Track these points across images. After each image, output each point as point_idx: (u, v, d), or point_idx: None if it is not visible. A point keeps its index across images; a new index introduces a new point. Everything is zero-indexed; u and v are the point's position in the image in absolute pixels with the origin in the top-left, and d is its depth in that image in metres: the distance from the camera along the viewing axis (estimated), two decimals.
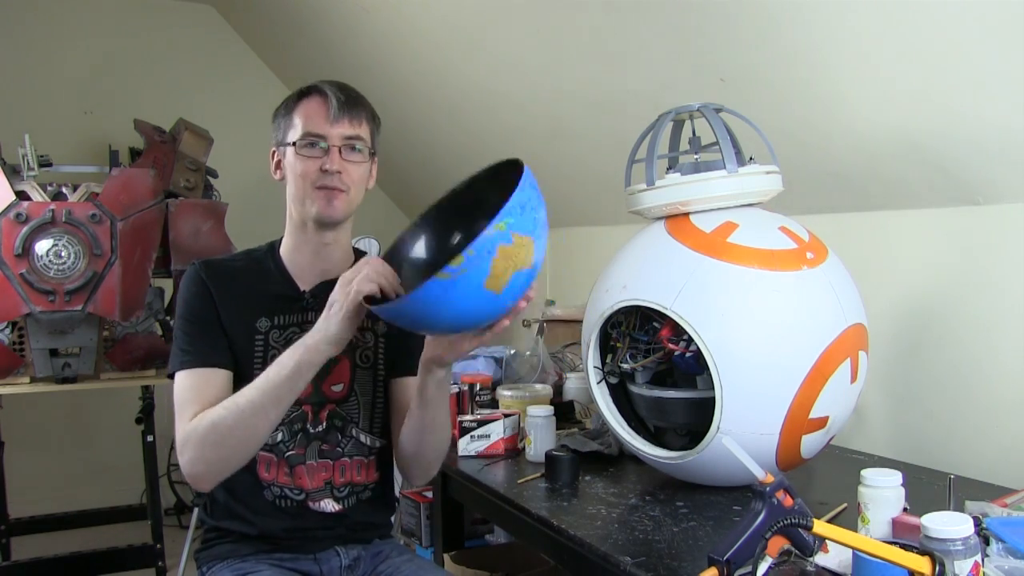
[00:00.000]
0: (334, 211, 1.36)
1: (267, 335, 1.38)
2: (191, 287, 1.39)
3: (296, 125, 1.37)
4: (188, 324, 1.37)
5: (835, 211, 1.93)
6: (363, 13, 2.84)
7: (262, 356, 1.38)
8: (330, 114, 1.35)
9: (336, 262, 1.43)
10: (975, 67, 1.44)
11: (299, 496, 1.40)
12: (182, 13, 3.88)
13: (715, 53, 1.82)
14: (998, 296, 1.62)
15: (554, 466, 1.57)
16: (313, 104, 1.37)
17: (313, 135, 1.35)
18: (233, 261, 1.45)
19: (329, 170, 1.34)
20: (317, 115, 1.35)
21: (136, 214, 2.50)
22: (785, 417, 1.31)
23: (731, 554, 0.98)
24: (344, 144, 1.36)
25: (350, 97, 1.38)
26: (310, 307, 1.40)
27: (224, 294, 1.38)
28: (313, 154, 1.35)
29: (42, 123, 3.29)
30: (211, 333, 1.36)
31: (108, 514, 3.04)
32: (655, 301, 1.36)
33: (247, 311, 1.38)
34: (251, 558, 1.39)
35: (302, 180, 1.36)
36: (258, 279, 1.42)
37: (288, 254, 1.44)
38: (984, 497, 1.30)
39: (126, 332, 2.59)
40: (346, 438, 1.43)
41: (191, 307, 1.38)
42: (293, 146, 1.36)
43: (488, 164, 1.28)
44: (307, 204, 1.36)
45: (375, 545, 1.49)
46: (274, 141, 1.42)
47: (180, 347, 1.37)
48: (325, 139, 1.35)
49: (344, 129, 1.36)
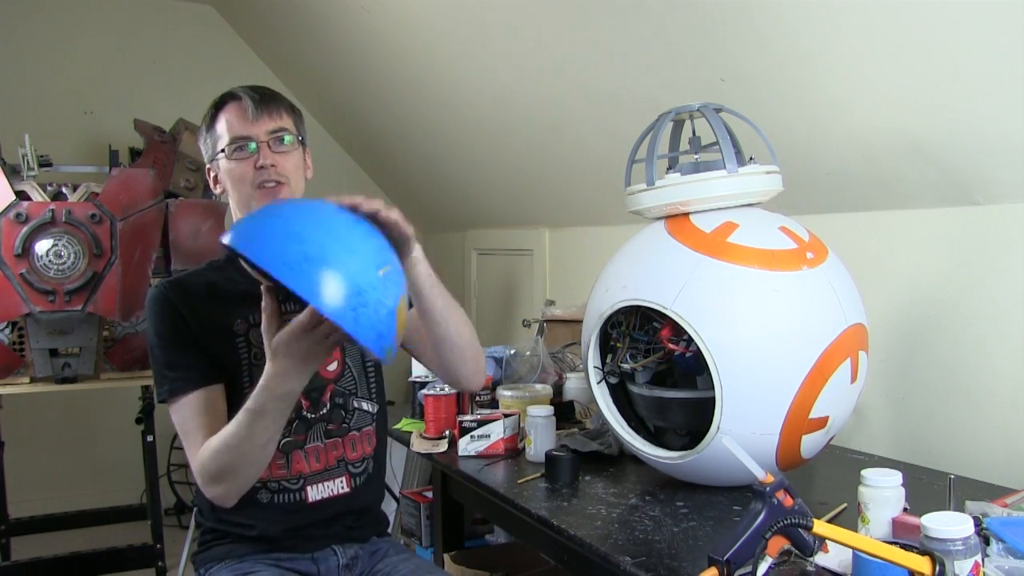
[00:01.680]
0: None
1: (247, 335, 1.39)
2: (159, 310, 1.37)
3: (221, 134, 1.39)
4: (163, 350, 1.36)
5: (835, 211, 1.93)
6: (363, 13, 2.84)
7: (247, 356, 1.38)
8: (248, 114, 1.38)
9: None
10: (975, 67, 1.44)
11: (296, 485, 1.40)
12: (182, 13, 3.88)
13: (715, 53, 1.82)
14: (998, 296, 1.62)
15: (554, 466, 1.57)
16: (230, 110, 1.40)
17: (239, 138, 1.37)
18: (195, 275, 1.45)
19: (264, 165, 1.36)
20: (237, 118, 1.38)
21: (136, 214, 2.50)
22: (785, 417, 1.31)
23: (731, 554, 0.98)
24: (271, 138, 1.39)
25: (264, 94, 1.41)
26: (281, 298, 1.41)
27: (193, 308, 1.37)
28: (244, 156, 1.37)
29: (42, 123, 3.30)
30: (189, 353, 1.35)
31: (108, 514, 3.04)
32: (655, 301, 1.36)
33: (220, 317, 1.38)
34: (249, 558, 1.39)
35: (241, 183, 1.38)
36: (223, 284, 1.42)
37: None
38: (984, 497, 1.30)
39: (126, 332, 2.59)
40: (350, 412, 1.46)
41: (162, 330, 1.37)
42: (223, 153, 1.38)
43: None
44: (252, 205, 1.38)
45: (373, 543, 1.50)
46: (207, 159, 1.44)
47: (162, 373, 1.36)
48: (251, 139, 1.37)
49: (266, 125, 1.38)
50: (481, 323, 3.77)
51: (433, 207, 4.07)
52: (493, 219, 3.56)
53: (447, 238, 4.11)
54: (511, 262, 3.49)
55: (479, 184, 3.36)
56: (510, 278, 3.52)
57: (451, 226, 4.00)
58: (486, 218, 3.61)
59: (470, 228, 3.81)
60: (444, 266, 4.10)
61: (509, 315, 3.50)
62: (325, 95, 3.89)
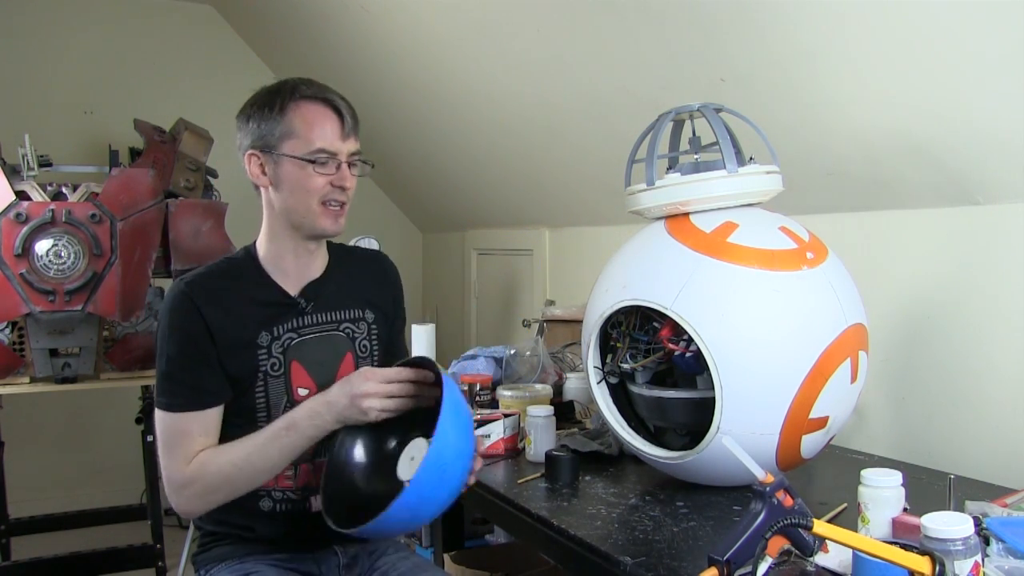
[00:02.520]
0: (340, 227, 1.38)
1: (269, 347, 1.37)
2: (181, 313, 1.32)
3: (301, 136, 1.32)
4: (178, 359, 1.32)
5: (835, 211, 1.93)
6: (363, 13, 2.84)
7: (265, 364, 1.36)
8: (344, 131, 1.34)
9: (317, 262, 1.44)
10: (975, 67, 1.44)
11: (297, 496, 1.40)
12: (182, 13, 3.88)
13: (715, 53, 1.82)
14: (998, 296, 1.62)
15: (554, 466, 1.57)
16: (321, 115, 1.33)
17: (328, 152, 1.32)
18: (218, 274, 1.39)
19: (344, 187, 1.34)
20: (331, 131, 1.33)
21: (136, 214, 2.50)
22: (785, 417, 1.31)
23: (731, 554, 0.98)
24: (351, 159, 1.36)
25: (354, 112, 1.37)
26: (304, 311, 1.40)
27: (219, 315, 1.33)
28: (327, 171, 1.33)
29: (42, 123, 3.30)
30: (204, 368, 1.32)
31: (108, 514, 3.04)
32: (655, 301, 1.36)
33: (245, 328, 1.35)
34: (250, 559, 1.39)
35: (308, 195, 1.33)
36: (248, 289, 1.38)
37: (270, 260, 1.41)
38: (984, 497, 1.30)
39: (126, 332, 2.59)
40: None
41: (181, 339, 1.32)
42: (304, 161, 1.31)
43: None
44: (312, 218, 1.35)
45: (373, 543, 1.50)
46: (254, 143, 1.35)
47: (168, 384, 1.32)
48: (338, 155, 1.33)
49: (351, 145, 1.36)
50: (481, 323, 3.77)
51: (433, 207, 4.07)
52: (493, 219, 3.56)
53: (447, 238, 4.11)
54: (511, 262, 3.49)
55: (479, 184, 3.36)
56: (510, 278, 3.52)
57: (451, 226, 4.00)
58: (486, 218, 3.61)
59: (470, 228, 3.81)
60: (444, 266, 4.10)
61: (509, 315, 3.50)
62: None
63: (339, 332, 1.43)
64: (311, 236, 1.38)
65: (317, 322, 1.41)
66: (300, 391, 1.38)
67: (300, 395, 1.38)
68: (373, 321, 1.48)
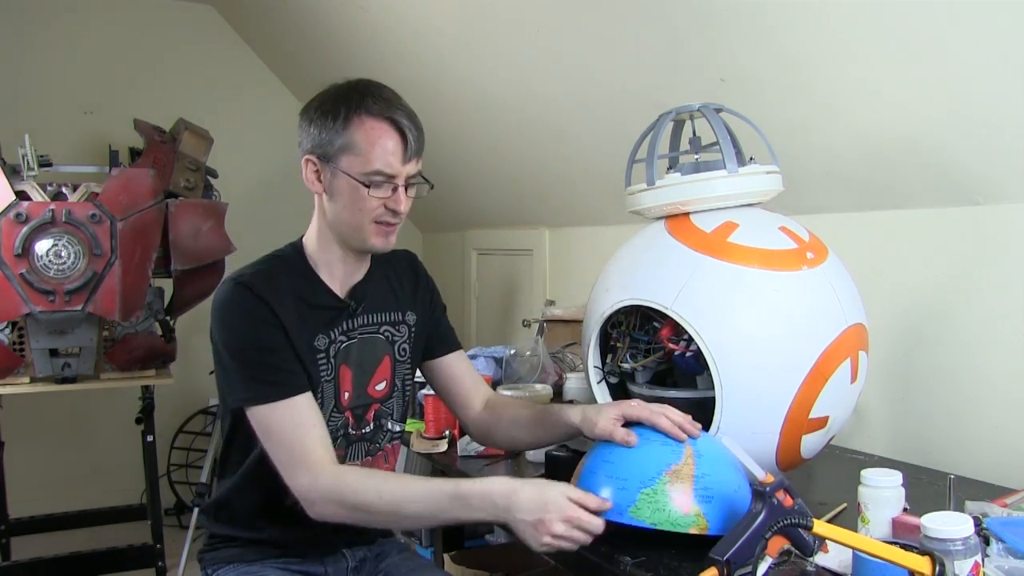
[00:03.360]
0: (391, 245, 1.35)
1: (327, 351, 1.34)
2: (250, 308, 1.27)
3: (361, 153, 1.26)
4: (266, 352, 1.26)
5: (835, 211, 1.93)
6: (362, 13, 2.84)
7: (326, 372, 1.33)
8: (407, 154, 1.29)
9: (361, 265, 1.42)
10: (975, 67, 1.44)
11: None
12: (182, 13, 3.88)
13: (715, 53, 1.82)
14: (998, 296, 1.62)
15: (554, 466, 1.57)
16: (385, 136, 1.27)
17: (387, 175, 1.28)
18: (271, 273, 1.33)
19: (398, 211, 1.30)
20: (392, 153, 1.27)
21: (136, 214, 2.50)
22: (785, 417, 1.31)
23: (731, 554, 0.98)
24: (409, 183, 1.32)
25: (420, 131, 1.32)
26: (355, 313, 1.38)
27: (284, 311, 1.29)
28: (383, 194, 1.29)
29: (42, 123, 3.29)
30: (290, 354, 1.28)
31: (108, 514, 3.04)
32: (655, 301, 1.36)
33: (305, 330, 1.31)
34: (258, 563, 1.38)
35: (362, 214, 1.29)
36: (301, 288, 1.34)
37: (319, 261, 1.37)
38: (984, 497, 1.30)
39: (126, 332, 2.59)
40: (384, 432, 1.45)
41: (261, 331, 1.26)
42: (367, 186, 1.27)
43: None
44: (362, 235, 1.31)
45: (378, 544, 1.50)
46: (313, 148, 1.30)
47: (263, 378, 1.26)
48: (396, 178, 1.29)
49: (411, 168, 1.31)
50: (481, 323, 3.77)
51: (433, 207, 4.07)
52: (493, 219, 3.56)
53: (447, 238, 4.11)
54: (511, 262, 3.49)
55: (479, 184, 3.36)
56: (510, 278, 3.52)
57: (451, 226, 4.00)
58: (486, 218, 3.61)
59: (470, 228, 3.81)
60: (444, 266, 4.10)
61: (509, 315, 3.50)
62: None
63: (379, 335, 1.42)
64: (360, 250, 1.36)
65: (363, 324, 1.40)
66: (344, 394, 1.37)
67: (344, 398, 1.37)
68: (415, 323, 1.47)
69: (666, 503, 1.14)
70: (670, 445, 1.19)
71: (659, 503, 1.14)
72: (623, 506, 1.15)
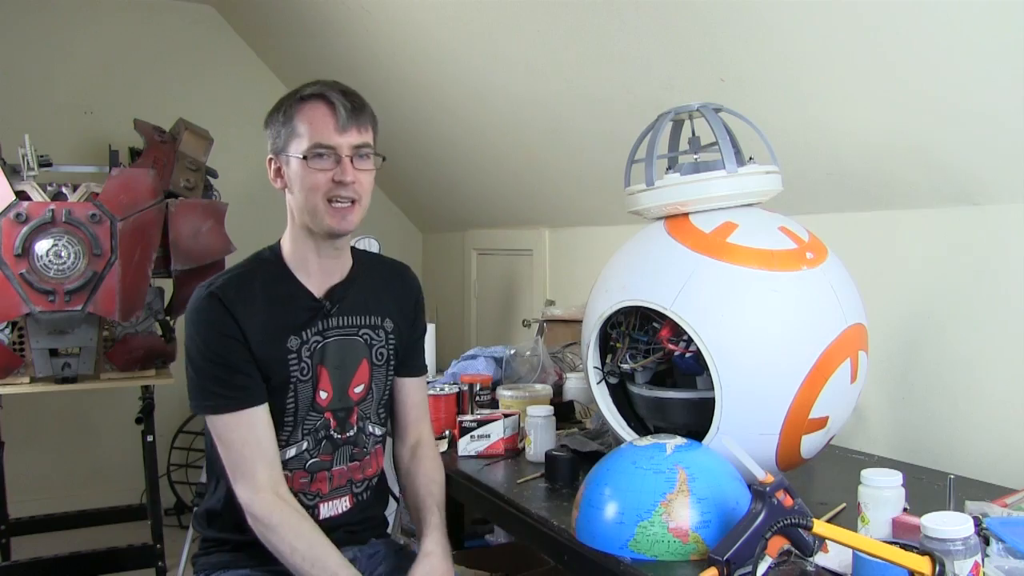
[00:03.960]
0: (348, 225, 1.35)
1: (299, 352, 1.36)
2: (212, 319, 1.31)
3: (301, 134, 1.32)
4: (216, 365, 1.31)
5: (835, 211, 1.93)
6: (363, 13, 2.84)
7: (297, 372, 1.36)
8: (339, 123, 1.31)
9: (340, 266, 1.44)
10: (975, 67, 1.44)
11: (311, 502, 1.40)
12: (182, 13, 3.88)
13: (715, 53, 1.82)
14: (998, 296, 1.62)
15: (554, 466, 1.57)
16: (318, 111, 1.32)
17: (323, 146, 1.31)
18: (243, 277, 1.37)
19: (344, 181, 1.31)
20: (324, 124, 1.31)
21: (136, 214, 2.50)
22: (785, 417, 1.31)
23: (731, 554, 0.98)
24: (354, 153, 1.33)
25: (356, 103, 1.34)
26: (330, 313, 1.40)
27: (250, 319, 1.32)
28: (324, 166, 1.31)
29: (42, 123, 3.30)
30: (246, 369, 1.31)
31: (108, 514, 3.04)
32: (655, 301, 1.36)
33: (276, 333, 1.34)
34: (247, 567, 1.39)
35: (313, 193, 1.32)
36: (276, 292, 1.37)
37: (295, 261, 1.40)
38: (984, 497, 1.30)
39: (126, 332, 2.59)
40: (367, 436, 1.46)
41: (215, 345, 1.31)
42: (303, 159, 1.31)
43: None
44: (319, 217, 1.33)
45: (371, 545, 1.50)
46: (271, 148, 1.37)
47: (213, 389, 1.31)
48: (335, 149, 1.31)
49: (353, 138, 1.32)
50: (481, 323, 3.77)
51: (433, 207, 4.07)
52: (493, 219, 3.56)
53: (447, 238, 4.11)
54: (511, 262, 3.49)
55: (479, 184, 3.36)
56: (510, 278, 3.52)
57: (451, 226, 4.00)
58: (486, 218, 3.61)
59: (470, 228, 3.81)
60: (444, 266, 4.10)
61: (509, 315, 3.50)
62: None
63: (358, 337, 1.43)
64: (325, 236, 1.37)
65: (339, 325, 1.41)
66: (321, 394, 1.38)
67: (321, 398, 1.38)
68: (392, 331, 1.48)
69: (664, 534, 1.14)
70: (663, 473, 1.18)
71: (657, 535, 1.14)
72: (622, 540, 1.16)
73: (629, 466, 1.21)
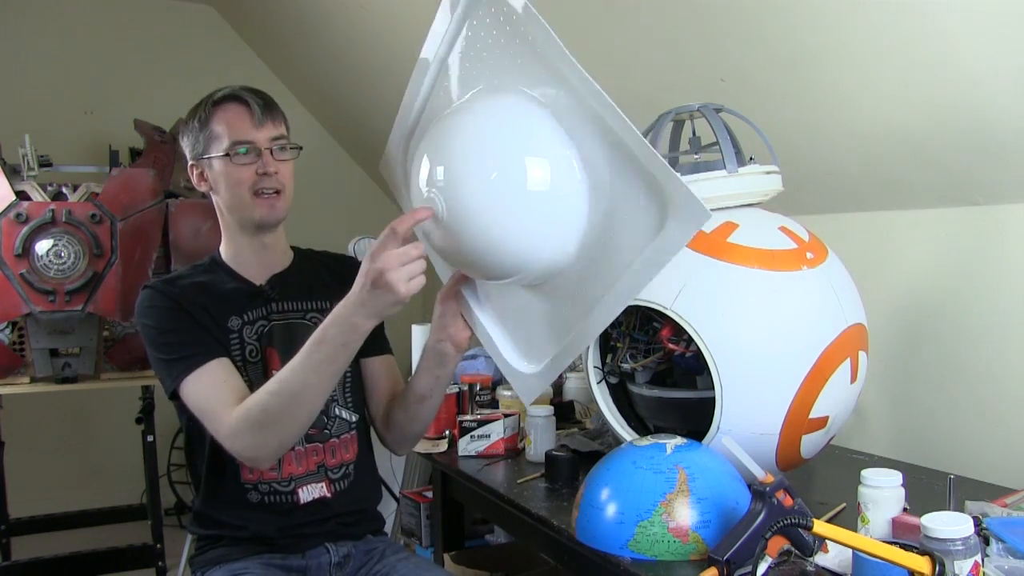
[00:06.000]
0: (278, 213, 1.42)
1: (240, 332, 1.41)
2: (158, 303, 1.38)
3: (220, 135, 1.38)
4: (170, 334, 1.36)
5: (835, 211, 1.93)
6: (362, 12, 2.84)
7: (240, 354, 1.40)
8: (255, 119, 1.38)
9: (279, 257, 1.50)
10: (975, 67, 1.44)
11: (287, 487, 1.41)
12: (182, 13, 3.88)
13: (715, 53, 1.82)
14: (998, 296, 1.62)
15: (554, 466, 1.57)
16: (233, 111, 1.39)
17: (243, 142, 1.37)
18: (182, 277, 1.45)
19: (268, 172, 1.38)
20: (241, 122, 1.38)
21: (136, 214, 2.50)
22: (785, 417, 1.31)
23: (731, 554, 0.98)
24: (273, 145, 1.40)
25: (267, 99, 1.42)
26: (272, 298, 1.45)
27: (190, 303, 1.38)
28: (246, 160, 1.38)
29: (42, 123, 3.29)
30: (197, 332, 1.36)
31: (108, 514, 3.04)
32: (655, 301, 1.36)
33: (216, 314, 1.40)
34: (241, 560, 1.40)
35: (238, 188, 1.38)
36: (214, 285, 1.44)
37: (232, 259, 1.47)
38: (984, 497, 1.30)
39: (126, 332, 2.58)
40: (331, 418, 1.46)
41: (165, 320, 1.37)
42: (226, 157, 1.37)
43: None
44: (248, 210, 1.40)
45: (367, 542, 1.50)
46: (191, 154, 1.43)
47: (174, 357, 1.35)
48: (255, 144, 1.38)
49: (270, 131, 1.40)
50: None
51: None
52: None
53: None
54: None
55: None
56: None
57: None
58: None
59: None
60: None
61: None
62: (325, 94, 3.89)
63: (306, 321, 1.46)
64: (257, 229, 1.43)
65: (285, 310, 1.46)
66: (273, 373, 1.38)
67: None
68: None
69: (664, 534, 1.14)
70: (663, 473, 1.18)
71: (657, 535, 1.14)
72: (622, 540, 1.16)
73: (629, 466, 1.21)
